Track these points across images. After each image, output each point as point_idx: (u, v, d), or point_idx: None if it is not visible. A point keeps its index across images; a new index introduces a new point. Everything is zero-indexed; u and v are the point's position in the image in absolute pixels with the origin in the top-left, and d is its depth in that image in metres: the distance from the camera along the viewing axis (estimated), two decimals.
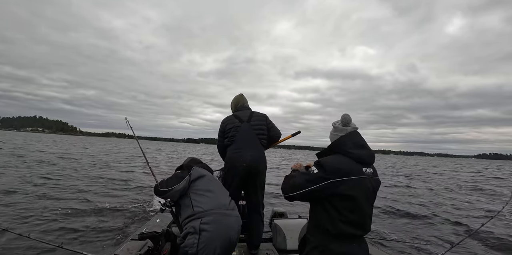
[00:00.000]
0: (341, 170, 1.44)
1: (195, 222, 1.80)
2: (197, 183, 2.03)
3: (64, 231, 4.30)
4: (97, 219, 5.04)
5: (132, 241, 2.37)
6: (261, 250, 2.72)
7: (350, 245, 1.48)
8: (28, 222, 4.58)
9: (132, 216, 5.33)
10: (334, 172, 1.43)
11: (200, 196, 1.95)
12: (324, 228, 1.49)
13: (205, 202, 1.89)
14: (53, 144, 36.58)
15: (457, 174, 24.47)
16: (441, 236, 5.42)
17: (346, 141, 1.55)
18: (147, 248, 2.29)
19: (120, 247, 2.28)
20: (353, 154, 1.50)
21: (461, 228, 5.99)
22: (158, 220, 3.06)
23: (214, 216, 1.81)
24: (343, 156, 1.51)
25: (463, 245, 4.63)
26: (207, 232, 1.74)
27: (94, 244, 3.91)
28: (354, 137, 1.58)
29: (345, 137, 1.57)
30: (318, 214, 1.55)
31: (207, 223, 1.77)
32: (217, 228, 1.77)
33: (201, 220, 1.78)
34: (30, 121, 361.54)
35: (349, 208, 1.45)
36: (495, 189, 13.19)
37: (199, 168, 2.22)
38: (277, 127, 2.85)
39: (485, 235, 5.33)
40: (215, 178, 2.41)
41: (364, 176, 1.49)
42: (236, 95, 3.00)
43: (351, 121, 1.63)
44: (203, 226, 1.75)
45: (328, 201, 1.48)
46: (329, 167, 1.45)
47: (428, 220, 6.60)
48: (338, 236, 1.47)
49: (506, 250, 4.74)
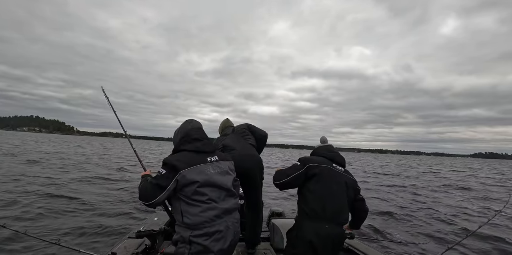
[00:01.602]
0: (315, 160, 2.04)
1: (184, 231, 1.60)
2: (187, 189, 1.60)
3: (62, 228, 4.31)
4: (94, 217, 5.04)
5: (129, 239, 2.37)
6: (259, 249, 2.73)
7: (321, 224, 1.81)
8: (25, 219, 4.57)
9: (129, 214, 5.32)
10: (309, 160, 2.04)
11: (191, 206, 1.59)
12: (301, 208, 1.94)
13: (196, 214, 1.57)
14: (55, 144, 36.36)
15: (456, 173, 24.58)
16: (439, 236, 5.43)
17: (321, 148, 2.19)
18: (144, 246, 2.29)
19: (117, 245, 2.28)
20: (326, 154, 2.10)
21: (459, 229, 5.98)
22: (156, 218, 3.06)
23: (205, 230, 1.57)
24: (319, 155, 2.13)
25: (461, 246, 4.63)
26: (198, 244, 1.55)
27: (92, 241, 3.92)
28: (328, 146, 2.21)
29: (320, 146, 2.23)
30: (299, 198, 2.03)
31: (198, 236, 1.56)
32: (210, 241, 1.57)
33: (191, 232, 1.57)
34: (27, 121, 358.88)
35: (320, 191, 1.89)
36: (491, 189, 13.29)
37: (196, 166, 1.65)
38: (259, 128, 2.99)
39: (483, 236, 5.30)
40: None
41: (334, 169, 2.01)
42: (223, 121, 3.15)
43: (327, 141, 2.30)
44: (193, 239, 1.56)
45: (305, 186, 1.97)
46: (307, 159, 2.06)
47: (425, 220, 6.62)
48: (310, 214, 1.85)
49: (502, 252, 4.72)
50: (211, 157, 1.77)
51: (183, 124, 1.88)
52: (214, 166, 1.74)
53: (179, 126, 1.89)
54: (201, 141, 1.77)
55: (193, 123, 1.87)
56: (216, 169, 1.75)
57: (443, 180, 16.55)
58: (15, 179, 8.06)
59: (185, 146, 1.74)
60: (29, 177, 8.62)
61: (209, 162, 1.73)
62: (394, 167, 30.94)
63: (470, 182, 16.34)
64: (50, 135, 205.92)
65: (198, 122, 1.91)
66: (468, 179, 18.75)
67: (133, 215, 5.25)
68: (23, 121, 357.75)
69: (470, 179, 18.81)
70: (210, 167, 1.71)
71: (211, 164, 1.74)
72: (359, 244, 2.64)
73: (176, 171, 1.58)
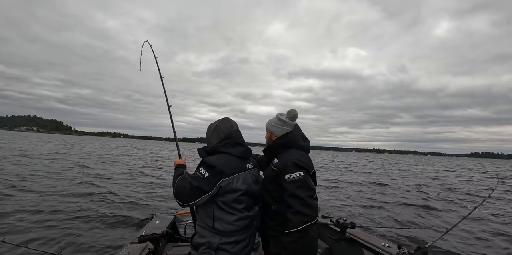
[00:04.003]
0: (309, 162, 1.64)
1: (212, 237, 1.52)
2: (228, 197, 1.52)
3: (63, 237, 4.21)
4: (95, 223, 4.95)
5: (132, 244, 2.35)
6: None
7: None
8: (24, 230, 4.42)
9: (131, 219, 5.28)
10: (309, 164, 1.62)
11: (227, 213, 1.52)
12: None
13: (230, 222, 1.52)
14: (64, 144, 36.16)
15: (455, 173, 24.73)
16: (436, 222, 5.95)
17: (298, 136, 1.73)
18: (147, 250, 2.28)
19: (120, 251, 2.27)
20: (304, 147, 1.72)
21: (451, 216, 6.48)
22: (158, 221, 3.04)
23: (235, 238, 1.53)
24: (299, 150, 1.69)
25: (459, 229, 5.07)
26: (225, 251, 1.50)
27: (94, 249, 3.85)
28: (301, 131, 1.79)
29: (295, 131, 1.74)
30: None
31: (227, 243, 1.51)
32: (236, 248, 1.54)
33: (221, 239, 1.51)
34: (24, 121, 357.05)
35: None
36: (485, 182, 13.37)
37: (243, 172, 1.59)
38: None
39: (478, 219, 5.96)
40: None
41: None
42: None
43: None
44: (222, 246, 1.50)
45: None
46: (308, 164, 1.60)
47: (420, 209, 7.18)
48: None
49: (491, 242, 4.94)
50: (249, 163, 1.67)
51: (221, 123, 1.69)
52: (251, 174, 1.66)
53: (214, 123, 1.72)
54: (243, 147, 1.65)
55: (232, 123, 1.71)
56: (253, 177, 1.67)
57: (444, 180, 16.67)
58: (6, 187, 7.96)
59: (228, 149, 1.59)
60: (22, 182, 8.51)
61: (248, 169, 1.64)
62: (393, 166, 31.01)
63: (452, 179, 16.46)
64: (48, 134, 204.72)
65: (236, 123, 1.75)
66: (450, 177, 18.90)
67: (135, 220, 5.17)
68: (21, 121, 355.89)
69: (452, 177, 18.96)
70: (249, 175, 1.63)
71: (249, 171, 1.65)
72: (360, 233, 2.66)
73: (222, 177, 1.47)
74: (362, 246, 2.45)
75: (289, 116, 1.75)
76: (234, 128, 1.69)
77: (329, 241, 2.74)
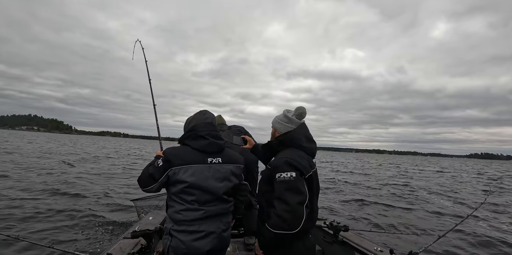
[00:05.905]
0: (306, 165, 1.50)
1: (168, 222, 1.58)
2: (175, 186, 1.55)
3: (55, 231, 4.23)
4: (88, 218, 4.98)
5: (124, 240, 2.35)
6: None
7: None
8: (17, 222, 4.46)
9: (124, 214, 5.27)
10: (305, 167, 1.49)
11: (175, 202, 1.56)
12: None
13: (177, 211, 1.54)
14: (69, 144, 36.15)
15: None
16: (430, 227, 5.85)
17: (300, 135, 1.60)
18: (140, 246, 2.28)
19: (112, 246, 2.26)
20: (305, 148, 1.58)
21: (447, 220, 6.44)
22: (151, 217, 3.05)
23: (184, 228, 1.52)
24: (299, 150, 1.56)
25: (455, 232, 4.96)
26: (177, 239, 1.50)
27: (86, 243, 3.86)
28: (307, 131, 1.65)
29: (299, 130, 1.61)
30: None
31: (177, 231, 1.51)
32: (189, 238, 1.50)
33: (172, 225, 1.54)
34: (25, 120, 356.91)
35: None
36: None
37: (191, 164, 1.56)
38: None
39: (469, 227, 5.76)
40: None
41: (315, 166, 1.59)
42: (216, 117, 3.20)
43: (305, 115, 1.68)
44: (173, 232, 1.52)
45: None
46: (303, 166, 1.47)
47: (415, 212, 7.10)
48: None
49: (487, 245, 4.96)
50: (214, 158, 1.61)
51: (197, 115, 1.72)
52: (213, 169, 1.59)
53: (192, 115, 1.74)
54: (206, 140, 1.60)
55: (207, 116, 1.71)
56: (215, 173, 1.59)
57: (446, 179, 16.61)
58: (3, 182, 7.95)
59: (190, 141, 1.62)
60: (19, 177, 8.50)
61: (209, 164, 1.58)
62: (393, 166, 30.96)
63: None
64: (49, 134, 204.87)
65: (212, 115, 1.74)
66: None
67: (128, 215, 5.19)
68: (21, 120, 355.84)
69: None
70: (207, 170, 1.57)
71: (211, 166, 1.58)
72: (353, 236, 2.66)
73: (169, 166, 1.51)
74: (355, 249, 2.46)
75: (296, 114, 1.64)
76: (207, 121, 1.68)
77: (322, 243, 2.74)
